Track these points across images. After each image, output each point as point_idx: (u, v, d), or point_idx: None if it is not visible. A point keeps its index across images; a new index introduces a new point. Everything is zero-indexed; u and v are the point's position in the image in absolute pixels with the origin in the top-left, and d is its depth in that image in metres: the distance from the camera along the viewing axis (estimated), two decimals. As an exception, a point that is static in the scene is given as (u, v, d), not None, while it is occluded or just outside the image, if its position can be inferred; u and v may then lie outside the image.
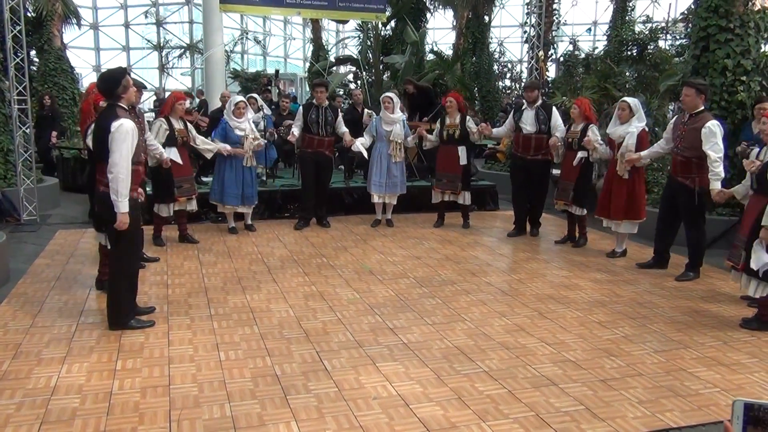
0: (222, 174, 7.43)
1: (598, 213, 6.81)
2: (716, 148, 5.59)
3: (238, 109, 7.40)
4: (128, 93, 4.45)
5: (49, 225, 8.09)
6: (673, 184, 6.11)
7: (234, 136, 7.36)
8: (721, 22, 7.17)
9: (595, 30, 25.16)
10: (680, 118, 6.05)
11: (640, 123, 6.41)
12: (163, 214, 6.90)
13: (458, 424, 3.26)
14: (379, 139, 8.02)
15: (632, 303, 5.31)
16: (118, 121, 4.23)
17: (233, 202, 7.51)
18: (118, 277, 4.57)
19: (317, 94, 7.88)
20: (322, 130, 7.82)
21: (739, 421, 1.12)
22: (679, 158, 5.95)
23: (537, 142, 7.45)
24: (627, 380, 3.82)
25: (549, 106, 7.66)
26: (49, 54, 14.26)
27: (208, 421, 3.26)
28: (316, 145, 7.86)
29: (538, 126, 7.41)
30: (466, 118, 7.92)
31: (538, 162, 7.55)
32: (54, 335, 4.40)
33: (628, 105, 6.48)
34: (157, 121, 6.83)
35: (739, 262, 4.80)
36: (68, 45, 18.43)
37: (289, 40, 29.10)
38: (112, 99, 4.40)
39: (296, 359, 4.05)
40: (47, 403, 3.42)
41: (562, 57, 15.72)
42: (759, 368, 4.04)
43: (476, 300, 5.32)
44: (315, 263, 6.40)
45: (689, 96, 5.80)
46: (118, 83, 4.39)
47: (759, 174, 4.69)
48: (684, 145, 5.86)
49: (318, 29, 21.87)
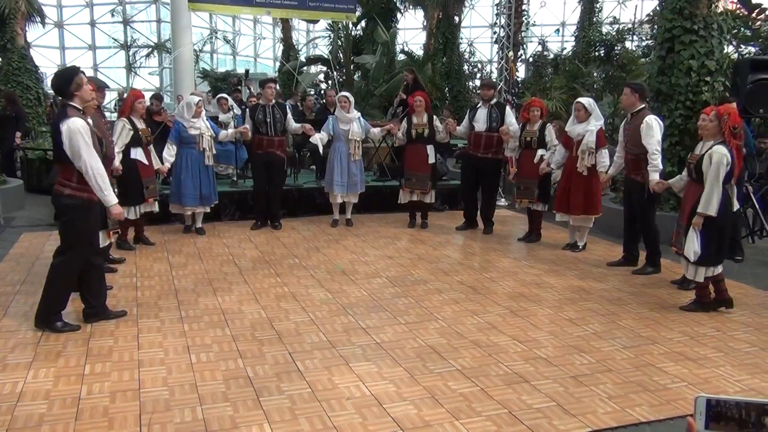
0: (179, 175, 7.26)
1: (557, 208, 7.01)
2: (653, 141, 5.92)
3: (198, 108, 7.23)
4: (81, 92, 4.39)
5: (13, 228, 7.91)
6: (627, 182, 6.43)
7: (188, 136, 7.21)
8: (686, 24, 7.31)
9: (563, 31, 25.52)
10: (626, 120, 6.37)
11: (598, 121, 6.73)
12: (130, 216, 6.59)
13: (432, 423, 3.27)
14: (337, 138, 7.97)
15: (602, 300, 5.39)
16: (65, 123, 4.22)
17: (191, 203, 7.37)
18: (58, 274, 4.48)
19: (266, 91, 7.71)
20: (270, 129, 7.65)
21: (702, 417, 1.14)
22: (629, 156, 6.24)
23: (488, 140, 7.62)
24: (597, 376, 3.88)
25: (502, 105, 7.86)
26: (12, 53, 13.94)
27: (180, 424, 3.22)
28: (266, 146, 7.70)
29: (490, 124, 7.58)
30: (433, 118, 7.97)
31: (488, 160, 7.71)
32: (19, 340, 4.30)
33: (582, 105, 6.76)
34: (119, 122, 6.51)
35: (682, 248, 5.15)
36: (32, 44, 18.08)
37: (259, 39, 28.94)
38: (65, 98, 4.39)
39: (269, 361, 4.02)
40: (13, 409, 3.34)
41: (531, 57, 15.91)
42: (724, 362, 4.13)
43: (448, 299, 5.34)
44: (287, 264, 6.37)
45: (625, 95, 6.24)
46: (69, 81, 4.36)
47: (696, 165, 4.99)
48: (631, 143, 6.16)
49: (288, 29, 21.78)
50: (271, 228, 7.97)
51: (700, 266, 4.98)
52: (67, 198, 4.37)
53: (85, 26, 23.86)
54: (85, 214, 4.44)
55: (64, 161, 4.32)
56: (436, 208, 9.15)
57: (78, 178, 4.36)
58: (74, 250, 4.47)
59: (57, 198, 4.43)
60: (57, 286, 4.49)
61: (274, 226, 8.00)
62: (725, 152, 4.78)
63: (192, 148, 7.24)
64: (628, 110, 6.29)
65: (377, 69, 14.35)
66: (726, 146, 4.82)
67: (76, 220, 4.43)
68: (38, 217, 8.42)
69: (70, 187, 4.36)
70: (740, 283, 5.91)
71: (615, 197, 8.20)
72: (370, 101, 14.06)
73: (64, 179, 4.38)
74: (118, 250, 6.56)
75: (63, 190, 4.38)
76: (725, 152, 4.78)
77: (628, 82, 6.51)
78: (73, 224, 4.44)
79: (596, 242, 7.42)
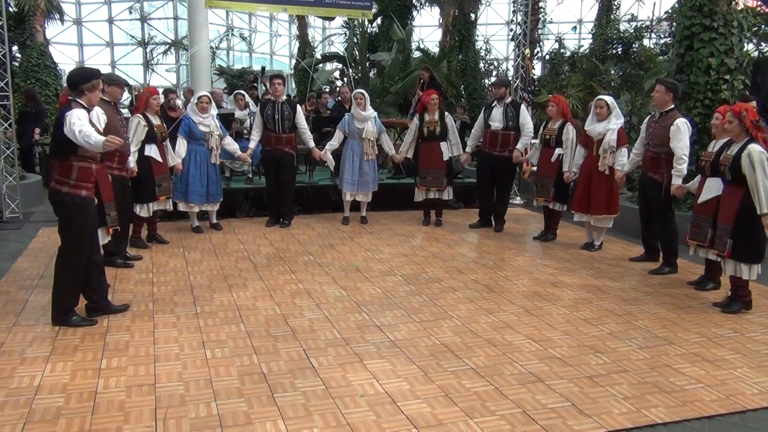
0: (186, 172, 7.21)
1: (576, 209, 6.91)
2: (682, 146, 5.84)
3: (201, 104, 7.20)
4: (92, 93, 4.39)
5: (32, 222, 8.01)
6: (643, 180, 6.34)
7: (198, 132, 7.20)
8: (705, 21, 7.23)
9: (580, 28, 25.29)
10: (652, 117, 6.27)
11: (619, 120, 6.64)
12: (143, 214, 6.63)
13: (445, 421, 3.26)
14: (351, 136, 7.98)
15: (618, 300, 5.35)
16: (70, 112, 4.18)
17: (198, 201, 7.35)
18: (63, 273, 4.50)
19: (274, 87, 7.70)
20: (279, 126, 7.66)
21: None
22: (649, 154, 6.16)
23: (504, 139, 7.63)
24: (613, 377, 3.85)
25: (518, 103, 7.86)
26: (31, 49, 14.11)
27: (195, 419, 3.24)
28: (274, 143, 7.73)
29: (506, 123, 7.58)
30: (445, 115, 7.97)
31: (504, 158, 7.70)
32: (37, 334, 4.35)
33: (606, 103, 6.65)
34: (134, 118, 6.44)
35: (705, 242, 5.26)
36: (51, 40, 18.26)
37: (275, 36, 28.98)
38: (75, 93, 4.36)
39: (283, 357, 4.03)
40: (31, 402, 3.38)
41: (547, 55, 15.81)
42: (742, 364, 4.08)
43: (463, 297, 5.33)
44: (302, 261, 6.38)
45: (659, 93, 6.06)
46: (87, 79, 4.37)
47: (732, 166, 4.91)
48: (655, 141, 6.08)
49: (304, 26, 21.82)
50: (278, 225, 7.99)
51: (754, 264, 4.97)
52: (65, 196, 4.35)
53: (103, 23, 24.01)
54: (83, 211, 4.43)
55: (62, 156, 4.30)
56: (450, 206, 9.15)
57: (76, 175, 4.34)
58: (76, 248, 4.47)
59: (55, 196, 4.40)
60: (64, 284, 4.51)
61: (283, 224, 7.99)
62: (761, 149, 4.76)
63: (201, 144, 7.25)
64: (658, 108, 6.13)
65: (393, 66, 14.33)
66: (757, 143, 4.79)
67: (75, 218, 4.42)
68: (56, 213, 8.51)
69: (68, 185, 4.34)
70: (759, 285, 5.83)
71: (632, 196, 8.13)
72: (385, 99, 14.05)
73: (62, 176, 4.35)
74: (132, 248, 6.58)
75: (61, 187, 4.35)
76: (761, 149, 4.76)
77: (663, 79, 6.32)
78: (72, 222, 4.43)
79: (612, 241, 7.37)
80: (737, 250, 4.94)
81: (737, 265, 5.00)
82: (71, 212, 4.40)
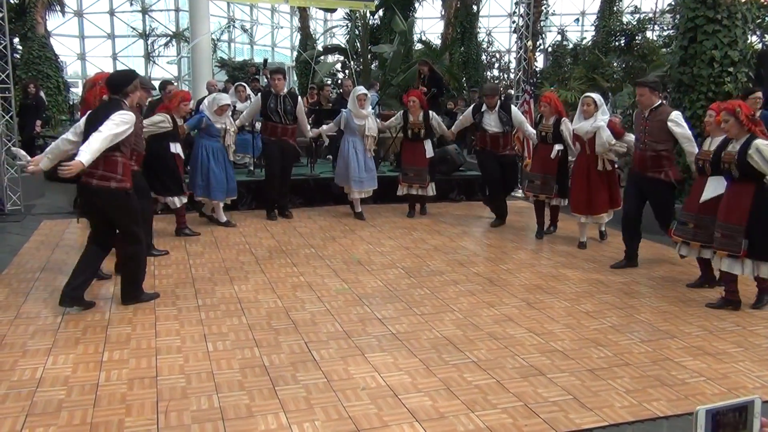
0: (206, 169, 7.23)
1: (576, 210, 6.73)
2: (685, 131, 5.74)
3: (221, 110, 7.22)
4: (134, 95, 4.65)
5: (33, 215, 8.01)
6: (640, 181, 5.99)
7: (214, 130, 7.22)
8: (709, 13, 7.19)
9: (583, 20, 25.20)
10: (640, 113, 6.03)
11: (605, 115, 6.45)
12: (178, 204, 6.82)
13: (447, 414, 3.26)
14: (351, 133, 7.93)
15: (619, 293, 5.34)
16: (124, 110, 4.42)
17: (220, 197, 7.40)
18: (133, 258, 4.79)
19: (274, 82, 7.72)
20: (282, 118, 7.71)
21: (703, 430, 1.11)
22: (648, 153, 5.87)
23: (505, 140, 7.82)
24: (614, 370, 3.84)
25: (507, 105, 7.87)
26: (32, 41, 14.09)
27: (196, 412, 3.24)
28: (279, 133, 7.75)
29: (503, 127, 7.69)
30: (429, 115, 8.04)
31: (508, 157, 7.95)
32: (39, 326, 4.35)
33: (593, 100, 6.48)
34: (159, 116, 6.44)
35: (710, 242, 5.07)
36: (52, 32, 18.21)
37: (277, 28, 28.91)
38: (119, 95, 4.55)
39: (284, 350, 4.04)
40: (33, 395, 3.39)
41: (550, 47, 15.77)
42: (744, 357, 4.08)
43: (464, 290, 5.32)
44: (303, 253, 6.38)
45: (644, 96, 5.85)
46: (129, 82, 4.63)
47: (739, 163, 4.77)
48: (651, 139, 5.83)
49: (306, 18, 21.75)
50: (281, 217, 8.00)
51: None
52: (116, 191, 4.53)
53: (104, 15, 23.96)
54: (135, 200, 4.72)
55: (108, 153, 4.41)
56: (453, 199, 9.14)
57: (122, 169, 4.54)
58: (136, 233, 4.72)
59: (101, 192, 4.51)
60: (138, 270, 4.82)
61: (284, 214, 8.03)
62: (767, 142, 4.66)
63: (217, 141, 7.29)
64: (646, 109, 5.89)
65: (395, 58, 14.30)
66: (759, 138, 4.69)
67: (132, 207, 4.68)
68: (58, 205, 8.52)
69: (114, 180, 4.51)
70: (761, 278, 5.82)
71: None
72: (387, 91, 14.02)
73: (107, 172, 4.48)
74: (179, 237, 6.89)
75: (109, 183, 4.49)
76: (767, 142, 4.66)
77: (642, 80, 6.08)
78: (130, 212, 4.67)
79: (615, 235, 7.34)
80: (754, 248, 4.74)
81: (756, 264, 4.81)
82: (123, 201, 4.62)
